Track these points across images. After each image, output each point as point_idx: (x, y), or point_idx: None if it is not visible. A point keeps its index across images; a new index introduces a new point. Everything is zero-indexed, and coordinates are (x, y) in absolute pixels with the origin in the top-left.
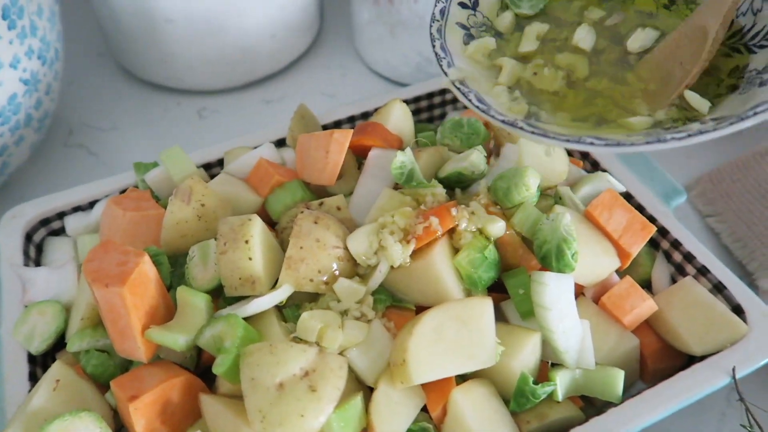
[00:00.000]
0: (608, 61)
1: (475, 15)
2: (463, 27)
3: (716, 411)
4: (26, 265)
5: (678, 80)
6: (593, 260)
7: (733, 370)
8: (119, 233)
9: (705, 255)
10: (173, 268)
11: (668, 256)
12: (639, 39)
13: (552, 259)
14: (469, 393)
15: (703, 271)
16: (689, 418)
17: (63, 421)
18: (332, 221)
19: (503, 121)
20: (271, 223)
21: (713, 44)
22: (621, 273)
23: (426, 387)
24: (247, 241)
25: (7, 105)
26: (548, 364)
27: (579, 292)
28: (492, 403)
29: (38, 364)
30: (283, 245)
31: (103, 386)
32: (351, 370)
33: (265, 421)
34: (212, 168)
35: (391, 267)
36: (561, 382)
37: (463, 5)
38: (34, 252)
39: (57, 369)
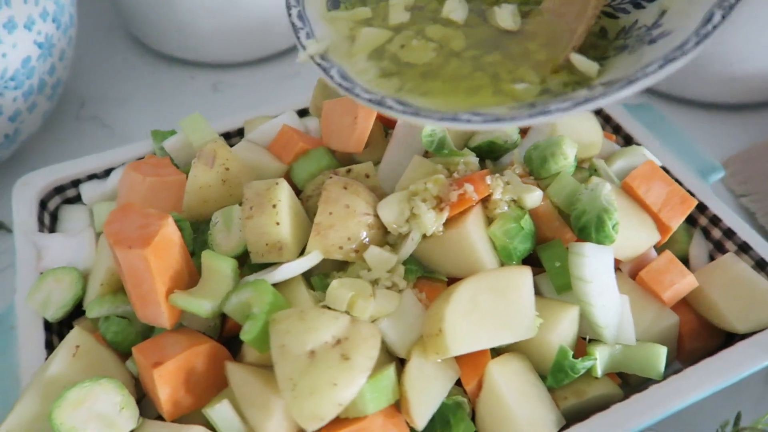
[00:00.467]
0: (486, 31)
1: None
2: None
3: (755, 393)
4: (40, 232)
5: (565, 42)
6: (631, 233)
7: None
8: (139, 199)
9: (746, 231)
10: (195, 235)
11: (706, 233)
12: (503, 15)
13: (591, 230)
14: (505, 366)
15: (744, 248)
16: (724, 400)
17: (83, 388)
18: (362, 188)
19: (370, 100)
20: (295, 192)
21: (596, 3)
22: (658, 249)
23: (460, 360)
24: (274, 206)
25: (20, 68)
26: (584, 341)
27: (615, 267)
28: (529, 378)
29: (54, 332)
30: (308, 214)
31: (122, 354)
32: (381, 341)
33: (296, 390)
34: (232, 138)
35: (423, 236)
36: (600, 358)
37: None
38: (48, 220)
39: (76, 335)
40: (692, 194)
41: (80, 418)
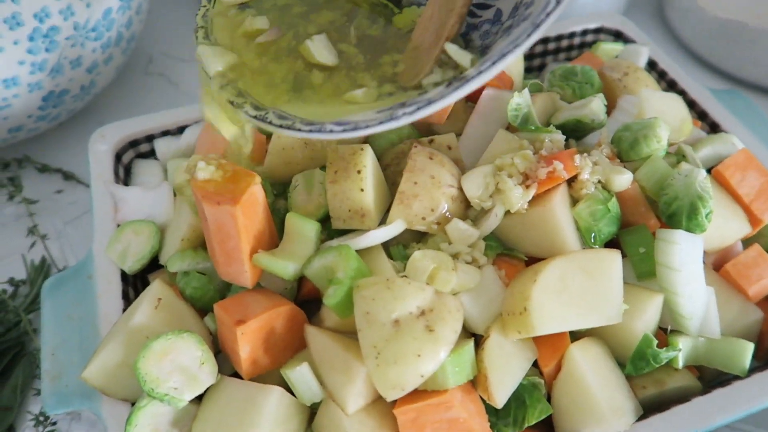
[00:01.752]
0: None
1: None
2: None
3: None
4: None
5: (437, 36)
6: (720, 223)
7: None
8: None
9: None
10: (274, 197)
11: None
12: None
13: (683, 217)
14: (587, 350)
15: None
16: None
17: (167, 340)
18: (447, 159)
19: (256, 117)
20: None
21: None
22: (745, 242)
23: (538, 341)
24: (359, 171)
25: (102, 19)
26: (665, 331)
27: None
28: (609, 364)
29: (130, 284)
30: (388, 183)
31: (200, 310)
32: None
33: (380, 358)
34: None
35: (506, 212)
36: (683, 349)
37: None
38: (123, 173)
39: (158, 287)
40: None
41: (164, 369)
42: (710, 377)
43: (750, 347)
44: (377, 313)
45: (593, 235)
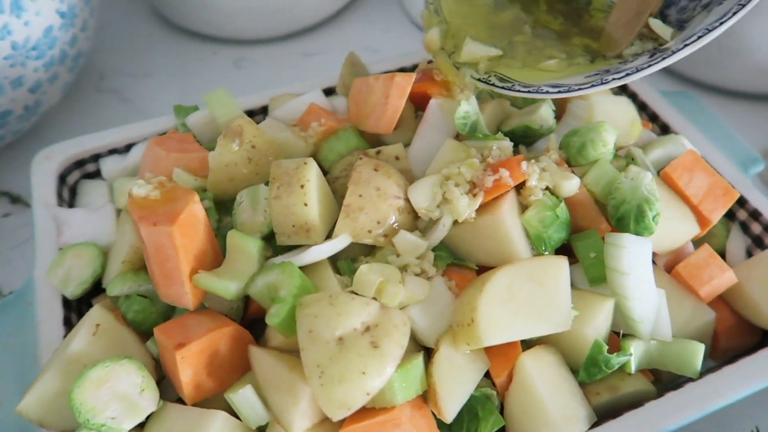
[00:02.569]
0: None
1: None
2: None
3: None
4: (60, 207)
5: (641, 11)
6: (669, 225)
7: None
8: (162, 175)
9: None
10: (218, 215)
11: (745, 228)
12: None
13: (630, 220)
14: (538, 359)
15: None
16: (757, 402)
17: (104, 368)
18: (393, 170)
19: (477, 79)
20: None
21: None
22: (696, 243)
23: (490, 351)
24: (302, 186)
25: (42, 38)
26: (617, 335)
27: (652, 261)
28: (561, 372)
29: (73, 309)
30: (335, 195)
31: (143, 334)
32: (410, 330)
33: (324, 377)
34: (255, 115)
35: (455, 222)
36: (635, 353)
37: None
38: (68, 194)
39: (97, 313)
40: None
41: (101, 398)
42: (667, 380)
43: (701, 348)
44: (320, 331)
45: (543, 241)
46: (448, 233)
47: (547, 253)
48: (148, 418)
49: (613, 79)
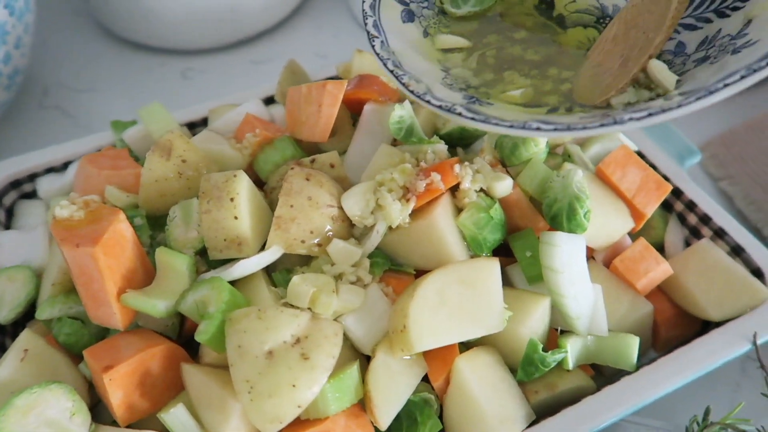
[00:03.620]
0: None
1: None
2: (401, 2)
3: (730, 382)
4: None
5: (638, 53)
6: (605, 221)
7: (754, 336)
8: (94, 194)
9: (722, 216)
10: (152, 231)
11: (682, 219)
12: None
13: (563, 218)
14: (473, 361)
15: (720, 233)
16: (701, 390)
17: (31, 394)
18: (325, 178)
19: (440, 107)
20: (259, 184)
21: (678, 7)
22: (633, 236)
23: (427, 356)
24: (232, 199)
25: None
26: (557, 332)
27: (589, 255)
28: (498, 372)
29: (8, 335)
30: (273, 206)
31: (77, 357)
32: (346, 338)
33: (254, 392)
34: (196, 128)
35: (389, 228)
36: (572, 350)
37: None
38: (4, 216)
39: (25, 338)
40: (668, 179)
41: (29, 425)
42: (610, 374)
43: (635, 341)
44: (249, 346)
45: (479, 243)
46: (385, 239)
47: (484, 254)
48: None
49: (631, 119)
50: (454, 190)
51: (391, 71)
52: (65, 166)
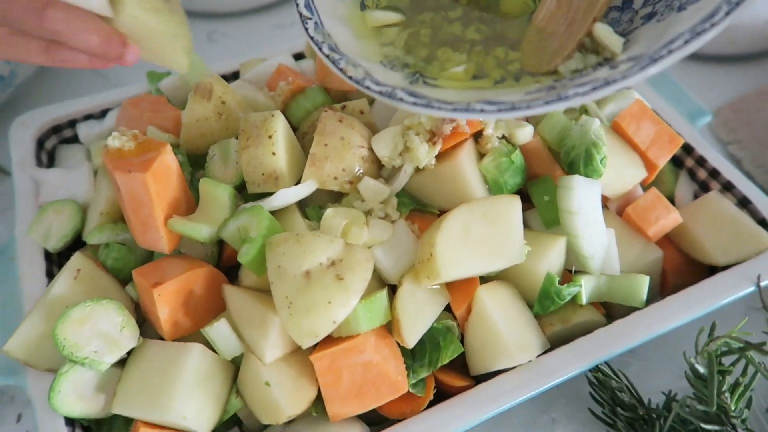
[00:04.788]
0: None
1: None
2: None
3: (733, 325)
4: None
5: (582, 16)
6: (619, 170)
7: (758, 278)
8: None
9: (730, 171)
10: (192, 169)
11: (692, 175)
12: None
13: (580, 164)
14: (494, 291)
15: (728, 187)
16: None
17: (85, 307)
18: (356, 122)
19: (380, 93)
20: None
21: None
22: (645, 188)
23: (450, 287)
24: (270, 136)
25: None
26: (571, 274)
27: (603, 204)
28: (516, 304)
29: (54, 263)
30: (305, 151)
31: (121, 281)
32: (374, 269)
33: (293, 308)
34: (228, 81)
35: (416, 169)
36: (586, 286)
37: None
38: (46, 159)
39: (78, 259)
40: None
41: (84, 334)
42: (621, 316)
43: (646, 280)
44: (288, 266)
45: (500, 186)
46: (411, 181)
47: None
48: (129, 353)
49: (576, 94)
50: (477, 137)
51: (327, 56)
52: (103, 113)
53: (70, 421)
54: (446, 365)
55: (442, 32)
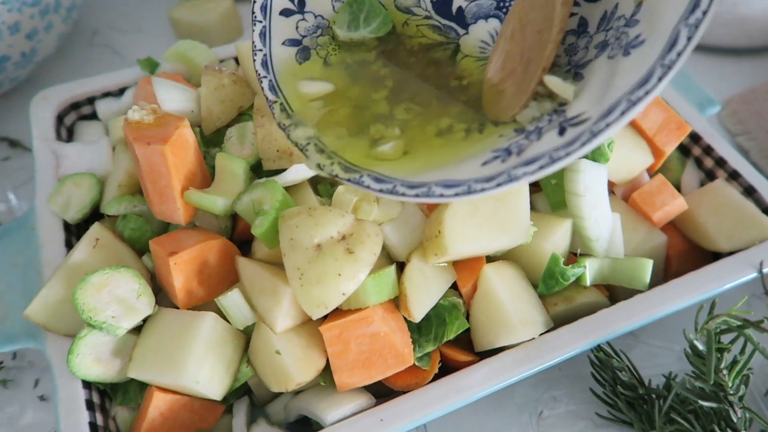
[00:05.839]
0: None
1: (304, 18)
2: (293, 42)
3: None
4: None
5: (537, 56)
6: (626, 155)
7: (761, 264)
8: None
9: (736, 159)
10: (206, 148)
11: (699, 163)
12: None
13: None
14: (500, 270)
15: (734, 176)
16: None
17: (104, 274)
18: None
19: (349, 180)
20: None
21: (563, 9)
22: (651, 175)
23: (457, 265)
24: None
25: None
26: (576, 256)
27: (610, 189)
28: (521, 283)
29: (73, 234)
30: None
31: (138, 251)
32: (383, 246)
33: (304, 278)
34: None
35: None
36: (590, 267)
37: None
38: (65, 134)
39: (96, 229)
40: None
41: (102, 300)
42: (622, 299)
43: (649, 263)
44: (300, 239)
45: None
46: None
47: None
48: (145, 320)
49: (524, 174)
50: None
51: (267, 97)
52: (121, 91)
53: (87, 384)
54: (451, 341)
55: (367, 111)
